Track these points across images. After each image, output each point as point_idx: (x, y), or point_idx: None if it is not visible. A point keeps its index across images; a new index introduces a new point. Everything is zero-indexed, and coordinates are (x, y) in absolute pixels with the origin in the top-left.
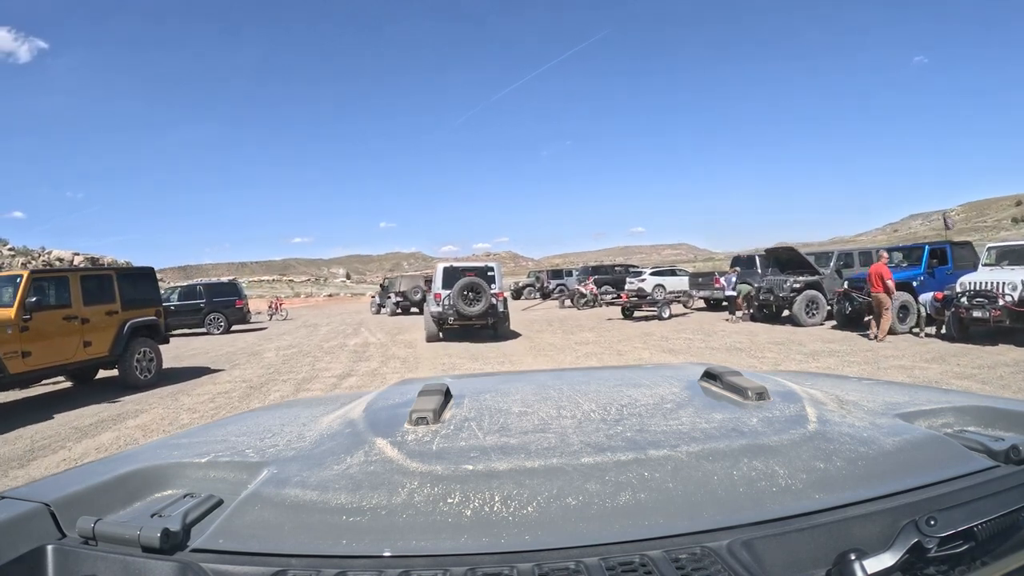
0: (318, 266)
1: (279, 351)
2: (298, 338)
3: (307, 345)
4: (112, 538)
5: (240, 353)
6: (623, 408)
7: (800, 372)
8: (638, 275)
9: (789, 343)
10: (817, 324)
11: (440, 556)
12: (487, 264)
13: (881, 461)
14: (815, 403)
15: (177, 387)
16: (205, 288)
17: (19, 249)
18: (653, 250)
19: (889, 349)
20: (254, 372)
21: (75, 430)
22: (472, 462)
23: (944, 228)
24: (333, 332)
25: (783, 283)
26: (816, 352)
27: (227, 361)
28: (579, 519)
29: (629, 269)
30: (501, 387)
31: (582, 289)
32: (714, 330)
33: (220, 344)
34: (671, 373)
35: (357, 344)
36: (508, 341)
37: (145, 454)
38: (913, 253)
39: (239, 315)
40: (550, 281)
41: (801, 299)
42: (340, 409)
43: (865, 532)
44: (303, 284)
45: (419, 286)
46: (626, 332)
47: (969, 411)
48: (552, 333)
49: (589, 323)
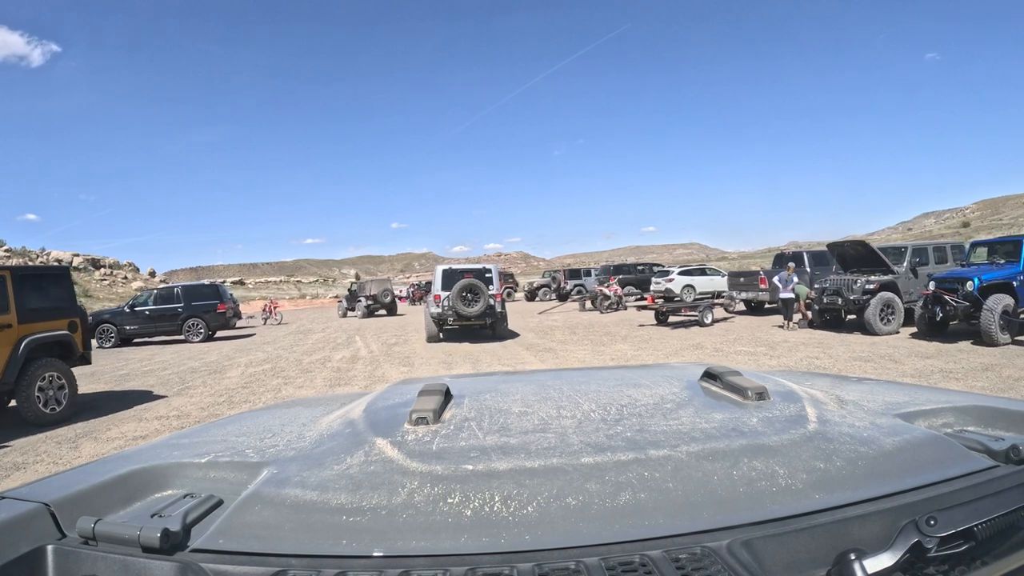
0: (329, 267)
1: (248, 368)
2: (280, 348)
3: (285, 359)
4: (112, 538)
5: (202, 370)
6: (623, 408)
7: (800, 372)
8: (665, 275)
9: (877, 359)
10: (892, 332)
11: (440, 556)
12: (485, 266)
13: (881, 461)
14: (815, 403)
15: (90, 424)
16: (183, 291)
17: (16, 250)
18: (665, 249)
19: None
20: (201, 400)
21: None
22: (472, 462)
23: None
24: (323, 341)
25: (852, 283)
26: (921, 371)
27: (180, 382)
28: (579, 519)
29: (653, 268)
30: (501, 387)
31: (605, 291)
32: (772, 340)
33: (189, 356)
34: (671, 373)
35: (344, 359)
36: (516, 348)
37: (145, 454)
38: (1000, 248)
39: (220, 320)
40: (567, 281)
41: (876, 302)
42: (340, 409)
43: (865, 532)
44: (311, 285)
45: (388, 289)
46: (670, 344)
47: (969, 411)
48: (579, 344)
49: (619, 330)
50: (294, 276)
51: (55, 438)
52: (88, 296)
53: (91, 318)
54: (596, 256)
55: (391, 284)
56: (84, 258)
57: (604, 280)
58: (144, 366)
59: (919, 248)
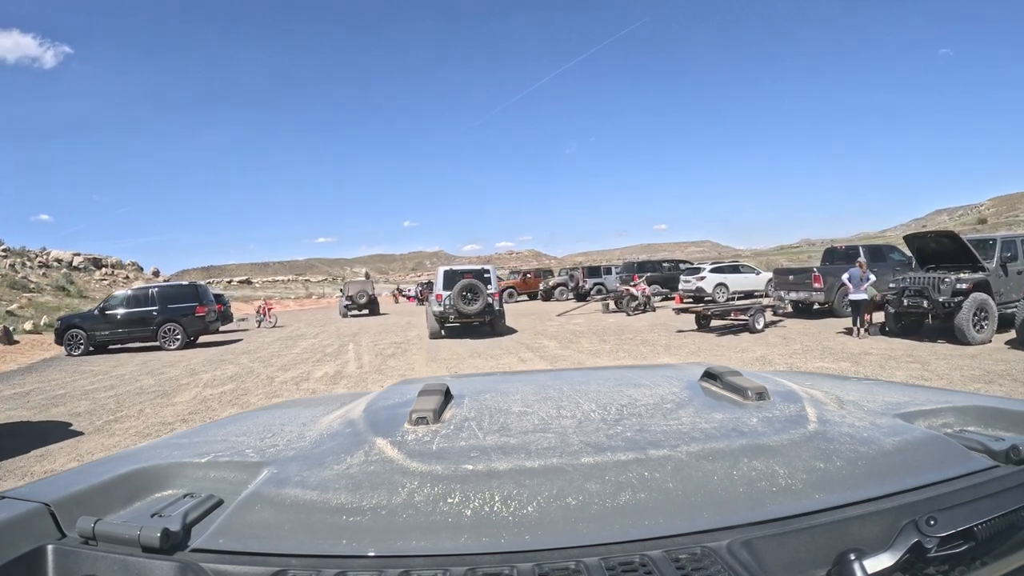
0: (341, 266)
1: (206, 388)
2: (258, 360)
3: (256, 376)
4: (112, 538)
5: (152, 391)
6: (623, 408)
7: (800, 372)
8: (695, 272)
9: (1000, 377)
10: (985, 341)
11: (440, 556)
12: (483, 267)
13: (881, 461)
14: (815, 403)
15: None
16: (159, 293)
17: (14, 250)
18: (676, 247)
19: None
20: (122, 441)
21: None
22: (472, 462)
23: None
24: (311, 350)
25: (940, 282)
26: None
27: (115, 408)
28: (579, 519)
29: (680, 265)
30: (501, 387)
31: (633, 290)
32: (848, 351)
33: (151, 369)
34: (671, 373)
35: (325, 377)
36: (537, 362)
37: (145, 454)
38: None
39: (199, 325)
40: (586, 280)
41: (969, 305)
42: (340, 409)
43: (865, 532)
44: (319, 284)
45: (363, 291)
46: (726, 356)
47: (969, 411)
48: (612, 355)
49: (657, 337)
50: (304, 275)
51: None
52: (84, 297)
53: (59, 322)
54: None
55: (370, 286)
56: (85, 257)
57: (627, 278)
58: (92, 383)
59: (1008, 240)
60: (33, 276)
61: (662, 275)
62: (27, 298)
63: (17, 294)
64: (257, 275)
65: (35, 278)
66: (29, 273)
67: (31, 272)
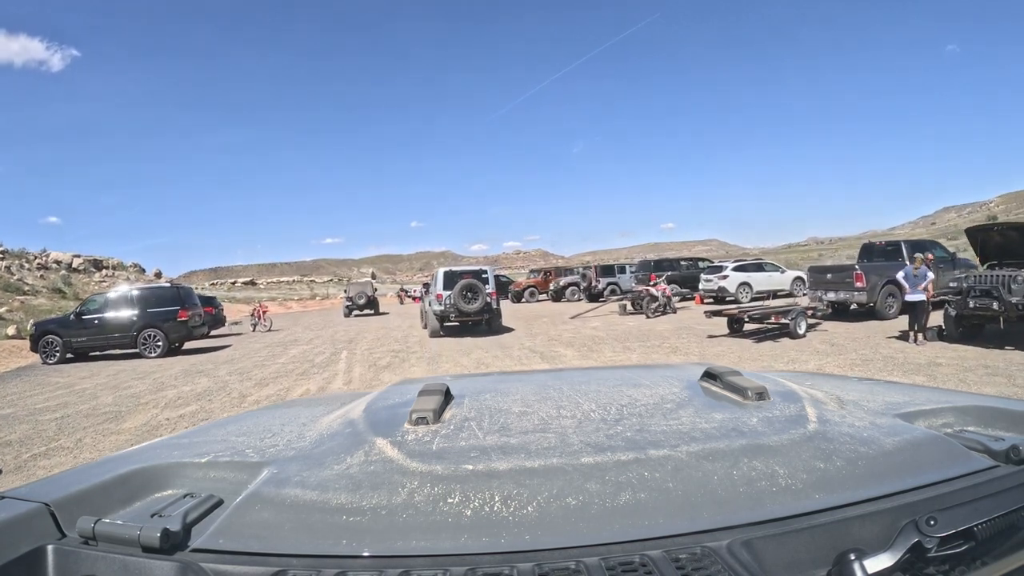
0: (348, 266)
1: (165, 409)
2: (236, 372)
3: (228, 392)
4: (112, 538)
5: (105, 411)
6: (623, 408)
7: (800, 372)
8: (717, 271)
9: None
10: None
11: (440, 556)
12: (482, 267)
13: (881, 461)
14: (815, 403)
15: None
16: (139, 296)
17: (12, 251)
18: (683, 246)
19: None
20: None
21: None
22: (472, 462)
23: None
24: (299, 359)
25: (1012, 281)
26: None
27: (55, 435)
28: (579, 519)
29: (699, 264)
30: (501, 387)
31: (652, 290)
32: (912, 360)
33: (118, 383)
34: (671, 373)
35: (308, 394)
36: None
37: (145, 454)
38: None
39: (182, 331)
40: (599, 279)
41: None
42: (340, 409)
43: (865, 532)
44: (324, 285)
45: (363, 292)
46: (771, 367)
47: (969, 411)
48: None
49: (686, 344)
50: (310, 276)
51: None
52: (79, 300)
53: (34, 328)
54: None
55: (370, 288)
56: (85, 259)
57: (644, 278)
58: (47, 399)
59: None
60: (30, 278)
61: (680, 274)
62: (20, 301)
63: (10, 297)
64: (264, 276)
65: (32, 280)
66: (26, 275)
67: (28, 274)
